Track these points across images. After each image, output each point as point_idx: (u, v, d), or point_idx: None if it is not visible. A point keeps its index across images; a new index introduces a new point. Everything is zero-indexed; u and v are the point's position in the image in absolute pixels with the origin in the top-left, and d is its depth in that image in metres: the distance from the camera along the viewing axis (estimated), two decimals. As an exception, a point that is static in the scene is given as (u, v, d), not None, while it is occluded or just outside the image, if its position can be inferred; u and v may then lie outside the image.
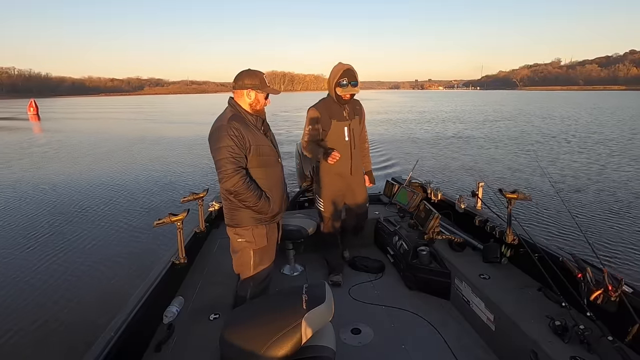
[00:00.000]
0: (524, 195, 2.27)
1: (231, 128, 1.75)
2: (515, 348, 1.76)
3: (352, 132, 2.58)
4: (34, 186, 8.13)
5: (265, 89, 1.86)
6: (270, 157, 1.91)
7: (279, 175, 1.99)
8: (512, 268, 2.27)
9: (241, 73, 1.87)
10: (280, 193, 1.98)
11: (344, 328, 2.21)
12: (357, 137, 2.64)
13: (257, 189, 1.82)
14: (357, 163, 2.69)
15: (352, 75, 2.45)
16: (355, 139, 2.63)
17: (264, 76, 1.87)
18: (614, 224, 5.31)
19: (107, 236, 5.25)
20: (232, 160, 1.74)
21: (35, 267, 4.32)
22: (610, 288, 1.57)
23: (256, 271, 1.94)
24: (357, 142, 2.65)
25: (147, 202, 6.91)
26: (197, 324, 1.90)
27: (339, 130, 2.54)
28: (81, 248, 4.85)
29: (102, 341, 1.47)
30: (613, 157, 10.25)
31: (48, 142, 15.74)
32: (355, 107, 2.63)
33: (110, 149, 13.42)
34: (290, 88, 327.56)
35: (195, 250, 2.70)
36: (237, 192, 1.77)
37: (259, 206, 1.82)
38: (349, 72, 2.44)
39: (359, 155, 2.73)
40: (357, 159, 2.69)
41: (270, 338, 1.28)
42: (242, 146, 1.77)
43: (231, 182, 1.74)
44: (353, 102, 2.61)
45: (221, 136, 1.75)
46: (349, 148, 2.58)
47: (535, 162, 9.14)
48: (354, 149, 2.61)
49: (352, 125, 2.58)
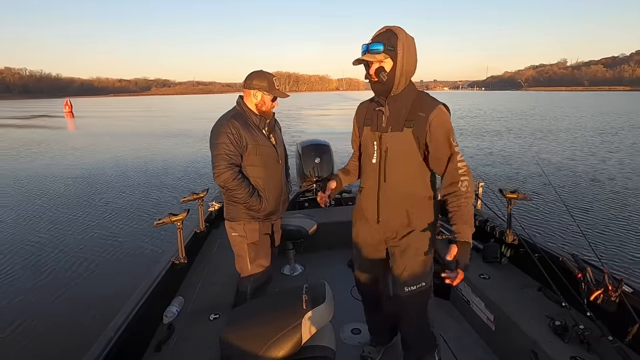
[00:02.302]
0: (524, 195, 2.27)
1: (229, 126, 1.80)
2: (515, 348, 1.76)
3: (386, 153, 1.50)
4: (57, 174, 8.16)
5: (273, 91, 1.89)
6: (269, 158, 1.93)
7: (277, 177, 2.00)
8: (512, 268, 2.27)
9: (252, 73, 1.91)
10: (277, 194, 2.00)
11: (344, 328, 2.21)
12: (398, 162, 1.50)
13: (248, 186, 1.85)
14: (395, 206, 1.55)
15: (377, 36, 1.43)
16: (394, 165, 1.50)
17: (273, 79, 1.89)
18: (614, 224, 5.31)
19: (107, 236, 5.24)
20: (225, 157, 1.79)
21: (35, 266, 4.32)
22: (610, 288, 1.58)
23: (254, 267, 1.98)
24: (397, 170, 1.51)
25: (147, 201, 6.91)
26: (197, 324, 1.90)
27: (368, 144, 1.57)
28: (81, 248, 4.85)
29: (102, 341, 1.47)
30: (613, 158, 10.25)
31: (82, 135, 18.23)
32: (418, 109, 1.45)
33: (116, 146, 13.45)
34: (296, 88, 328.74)
35: (195, 250, 2.70)
36: (228, 187, 1.81)
37: (249, 203, 1.85)
38: (381, 33, 1.42)
39: (402, 195, 1.53)
40: (396, 200, 1.54)
41: (270, 338, 1.28)
42: (239, 144, 1.81)
43: (222, 177, 1.79)
44: (408, 98, 1.47)
45: (219, 133, 1.80)
46: (376, 177, 1.54)
47: (535, 162, 9.13)
48: (385, 181, 1.52)
49: (389, 140, 1.49)
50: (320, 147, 4.03)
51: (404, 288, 1.57)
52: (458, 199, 1.42)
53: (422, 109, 1.44)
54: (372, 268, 1.77)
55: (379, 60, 1.41)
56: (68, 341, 2.98)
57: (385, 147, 1.49)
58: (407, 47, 1.40)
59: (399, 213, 1.54)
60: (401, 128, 1.45)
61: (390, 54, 1.39)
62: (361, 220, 1.70)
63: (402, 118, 1.46)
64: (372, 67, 1.43)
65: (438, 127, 1.42)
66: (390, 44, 1.38)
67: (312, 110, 38.54)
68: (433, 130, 1.42)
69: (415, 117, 1.44)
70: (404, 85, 1.45)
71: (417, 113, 1.44)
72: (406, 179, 1.51)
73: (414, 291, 1.56)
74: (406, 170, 1.50)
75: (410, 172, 1.50)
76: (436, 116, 1.42)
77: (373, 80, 1.44)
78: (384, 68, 1.41)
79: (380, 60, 1.40)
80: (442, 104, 1.47)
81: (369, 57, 1.41)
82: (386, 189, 1.53)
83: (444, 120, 1.43)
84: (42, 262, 4.44)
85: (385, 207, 1.55)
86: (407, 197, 1.52)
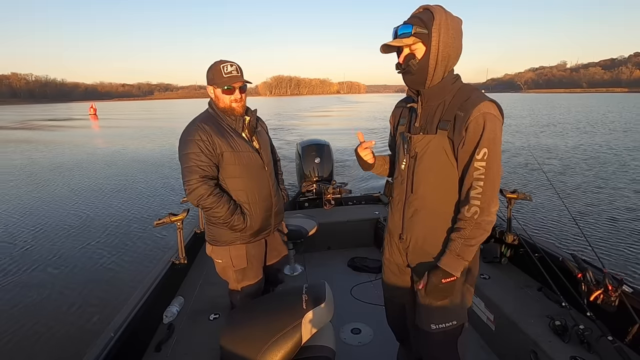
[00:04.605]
0: (524, 195, 2.27)
1: (198, 133, 1.52)
2: (515, 348, 1.76)
3: (414, 159, 1.25)
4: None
5: (221, 81, 1.53)
6: (251, 166, 1.63)
7: (264, 186, 1.68)
8: (512, 268, 2.27)
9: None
10: (266, 206, 1.69)
11: (344, 328, 2.21)
12: (428, 171, 1.23)
13: (228, 202, 1.56)
14: (422, 223, 1.27)
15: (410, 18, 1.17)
16: (423, 173, 1.24)
17: (221, 66, 1.53)
18: (614, 224, 5.31)
19: (107, 235, 5.24)
20: (196, 170, 1.50)
21: (36, 266, 4.32)
22: (610, 288, 1.57)
23: (241, 286, 1.73)
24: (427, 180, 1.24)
25: (147, 201, 6.91)
26: (197, 324, 1.90)
27: (399, 147, 1.36)
28: (81, 248, 4.85)
29: (102, 341, 1.47)
30: (613, 158, 10.25)
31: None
32: (456, 107, 1.16)
33: (120, 144, 13.47)
34: (297, 92, 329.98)
35: (195, 250, 2.70)
36: (203, 205, 1.52)
37: (230, 223, 1.56)
38: (415, 14, 1.17)
39: (432, 211, 1.25)
40: (424, 216, 1.27)
41: (270, 338, 1.28)
42: (211, 153, 1.53)
43: (195, 194, 1.50)
44: (447, 92, 1.20)
45: (186, 142, 1.53)
46: (404, 186, 1.30)
47: (535, 162, 9.14)
48: (412, 193, 1.27)
49: (418, 143, 1.23)
50: (320, 147, 4.03)
51: (430, 325, 1.28)
52: (460, 223, 1.16)
53: (463, 106, 1.13)
54: (397, 292, 1.45)
55: (408, 45, 1.15)
56: (68, 341, 2.97)
57: (414, 152, 1.23)
58: (446, 30, 1.12)
59: (427, 232, 1.26)
60: (434, 130, 1.18)
61: (422, 38, 1.13)
62: (388, 233, 1.44)
63: (437, 117, 1.19)
64: (402, 54, 1.18)
65: (477, 132, 1.10)
66: (423, 26, 1.12)
67: (312, 112, 38.62)
68: (471, 135, 1.11)
69: (452, 116, 1.15)
70: (441, 76, 1.17)
71: (455, 111, 1.15)
72: (437, 192, 1.22)
73: (441, 330, 1.26)
74: (438, 181, 1.21)
75: (443, 184, 1.21)
76: (480, 118, 1.10)
77: (402, 70, 1.19)
78: (415, 55, 1.15)
79: (410, 45, 1.15)
80: (493, 102, 1.13)
81: (397, 42, 1.15)
82: (413, 201, 1.27)
83: (491, 126, 1.10)
84: (42, 262, 4.43)
85: (411, 223, 1.28)
86: (438, 214, 1.24)
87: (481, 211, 1.12)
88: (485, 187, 1.11)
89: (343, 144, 11.88)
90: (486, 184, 1.11)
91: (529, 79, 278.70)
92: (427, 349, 1.35)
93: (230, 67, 1.54)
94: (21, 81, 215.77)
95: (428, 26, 1.12)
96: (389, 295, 1.51)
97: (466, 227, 1.14)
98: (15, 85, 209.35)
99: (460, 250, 1.15)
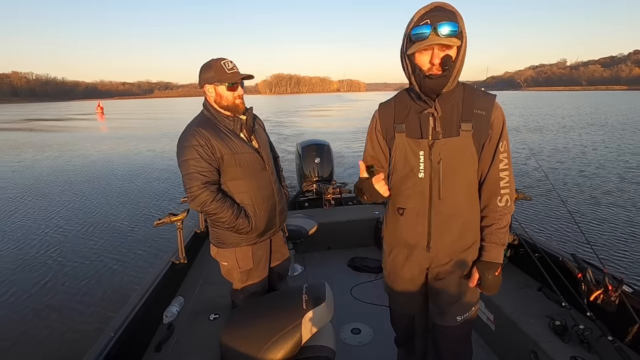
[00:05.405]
0: (524, 195, 2.26)
1: (196, 137, 1.49)
2: (515, 348, 1.76)
3: (439, 164, 1.19)
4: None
5: (224, 77, 1.51)
6: (252, 167, 1.61)
7: (267, 186, 1.67)
8: (512, 268, 2.27)
9: (200, 69, 1.58)
10: (269, 206, 1.68)
11: (344, 328, 2.21)
12: (455, 175, 1.21)
13: (232, 206, 1.54)
14: (451, 228, 1.25)
15: (442, 15, 1.06)
16: (450, 178, 1.20)
17: (222, 62, 1.53)
18: (614, 224, 5.31)
19: (107, 235, 5.24)
20: (197, 176, 1.48)
21: (36, 266, 4.32)
22: (610, 288, 1.58)
23: (245, 286, 1.73)
24: (454, 183, 1.21)
25: (147, 201, 6.91)
26: (197, 324, 1.90)
27: (408, 157, 1.24)
28: (81, 248, 4.85)
29: (102, 341, 1.47)
30: (614, 158, 10.24)
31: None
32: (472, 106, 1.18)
33: (121, 145, 13.46)
34: (297, 90, 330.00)
35: (195, 250, 2.70)
36: (206, 212, 1.51)
37: (235, 227, 1.55)
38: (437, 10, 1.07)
39: (460, 214, 1.24)
40: (454, 221, 1.24)
41: (270, 338, 1.28)
42: (211, 157, 1.50)
43: (198, 200, 1.48)
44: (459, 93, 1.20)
45: (184, 148, 1.50)
46: (425, 195, 1.23)
47: (535, 162, 9.13)
48: (440, 199, 1.22)
49: (443, 148, 1.19)
50: (320, 147, 4.03)
51: (456, 317, 1.31)
52: (494, 215, 1.21)
53: (479, 105, 1.16)
54: (408, 304, 1.44)
55: (455, 46, 1.08)
56: (68, 341, 2.97)
57: (439, 158, 1.18)
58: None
59: (457, 236, 1.25)
60: (457, 132, 1.17)
61: (460, 38, 1.08)
62: (400, 247, 1.34)
63: (456, 119, 1.17)
64: (437, 55, 1.07)
65: (499, 127, 1.18)
66: (459, 26, 1.07)
67: (312, 110, 38.57)
68: (495, 131, 1.17)
69: (472, 116, 1.16)
70: (457, 79, 1.17)
71: (473, 111, 1.16)
72: (464, 194, 1.23)
73: (466, 319, 1.33)
74: (464, 182, 1.22)
75: (468, 184, 1.22)
76: (499, 114, 1.18)
77: (434, 74, 1.09)
78: (452, 57, 1.09)
79: (457, 45, 1.08)
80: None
81: (448, 40, 1.05)
82: (441, 208, 1.22)
83: (504, 120, 1.20)
84: (42, 261, 4.44)
85: (441, 231, 1.24)
86: (464, 216, 1.24)
87: (510, 198, 1.21)
88: (510, 176, 1.21)
89: (343, 144, 11.90)
90: (510, 173, 1.21)
91: (528, 77, 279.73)
92: (449, 344, 1.38)
93: (231, 64, 1.55)
94: (22, 80, 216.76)
95: (461, 26, 1.09)
96: (399, 310, 1.49)
97: (502, 217, 1.21)
98: (16, 84, 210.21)
99: (502, 240, 1.23)
